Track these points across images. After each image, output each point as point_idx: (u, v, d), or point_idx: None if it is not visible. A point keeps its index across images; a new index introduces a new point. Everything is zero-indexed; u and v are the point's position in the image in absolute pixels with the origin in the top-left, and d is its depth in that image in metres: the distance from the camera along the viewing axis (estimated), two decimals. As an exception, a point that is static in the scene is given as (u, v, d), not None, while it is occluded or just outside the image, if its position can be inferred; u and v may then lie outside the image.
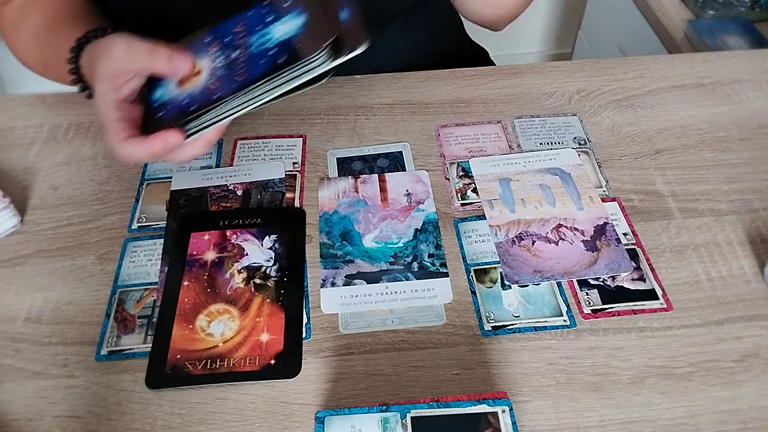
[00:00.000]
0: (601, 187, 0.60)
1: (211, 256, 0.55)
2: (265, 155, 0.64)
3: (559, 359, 0.48)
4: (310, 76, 0.47)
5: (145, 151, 0.48)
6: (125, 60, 0.49)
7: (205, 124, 0.48)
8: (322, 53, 0.45)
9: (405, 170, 0.62)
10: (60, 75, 0.59)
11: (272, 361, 0.48)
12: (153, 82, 0.52)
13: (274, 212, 0.58)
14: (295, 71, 0.46)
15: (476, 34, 0.89)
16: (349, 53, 0.46)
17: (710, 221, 0.57)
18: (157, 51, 0.49)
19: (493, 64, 0.88)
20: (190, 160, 0.50)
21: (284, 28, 0.49)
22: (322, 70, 0.46)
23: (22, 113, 0.69)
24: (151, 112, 0.51)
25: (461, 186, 0.61)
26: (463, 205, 0.59)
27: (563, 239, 0.55)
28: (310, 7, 0.49)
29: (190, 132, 0.48)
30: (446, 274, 0.53)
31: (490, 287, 0.53)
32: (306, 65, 0.46)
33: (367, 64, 0.74)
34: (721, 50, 0.99)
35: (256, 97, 0.47)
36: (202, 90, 0.49)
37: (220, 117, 0.48)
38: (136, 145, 0.48)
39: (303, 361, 0.48)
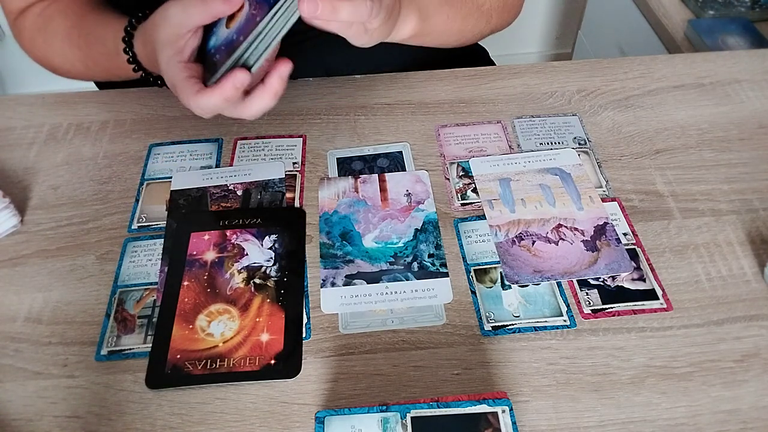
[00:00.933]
0: (601, 187, 0.60)
1: (211, 256, 0.55)
2: (265, 155, 0.64)
3: (559, 359, 0.48)
4: None
5: (218, 96, 0.48)
6: (181, 18, 0.50)
7: (260, 49, 0.48)
8: None
9: (405, 170, 0.62)
10: (106, 69, 0.60)
11: (272, 361, 0.48)
12: (206, 35, 0.52)
13: (274, 212, 0.58)
14: None
15: (476, 34, 0.88)
16: None
17: (710, 221, 0.57)
18: (209, 1, 0.49)
19: (493, 64, 0.88)
20: (259, 115, 0.51)
21: None
22: None
23: (22, 113, 0.69)
24: (210, 58, 0.52)
25: (461, 186, 0.61)
26: (463, 205, 0.59)
27: (563, 239, 0.55)
28: None
29: (251, 65, 0.49)
30: (446, 274, 0.53)
31: (490, 287, 0.53)
32: None
33: (367, 64, 0.74)
34: (721, 50, 0.99)
35: (282, 10, 0.47)
36: (249, 19, 0.49)
37: (271, 36, 0.48)
38: (209, 94, 0.48)
39: (303, 361, 0.48)
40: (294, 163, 0.63)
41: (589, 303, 0.51)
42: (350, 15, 0.47)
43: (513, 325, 0.50)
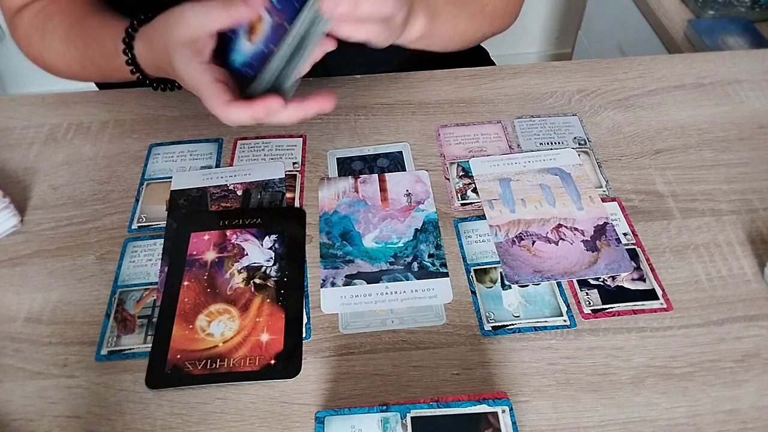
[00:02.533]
0: (601, 187, 0.60)
1: (211, 256, 0.55)
2: (265, 155, 0.64)
3: (559, 359, 0.48)
4: None
5: (249, 114, 0.48)
6: (203, 20, 0.49)
7: (295, 69, 0.49)
8: None
9: (405, 170, 0.62)
10: (102, 70, 0.60)
11: (272, 361, 0.48)
12: (220, 45, 0.52)
13: (274, 212, 0.58)
14: None
15: (476, 34, 0.88)
16: None
17: (710, 221, 0.57)
18: (230, 2, 0.49)
19: (493, 64, 0.88)
20: (292, 124, 0.52)
21: None
22: None
23: (22, 113, 0.69)
24: (238, 74, 0.52)
25: (461, 186, 0.61)
26: (463, 205, 0.59)
27: (563, 239, 0.55)
28: None
29: (286, 88, 0.49)
30: (446, 274, 0.53)
31: (490, 287, 0.53)
32: None
33: (365, 62, 0.74)
34: (721, 50, 0.99)
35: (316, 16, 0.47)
36: (273, 29, 0.49)
37: (305, 44, 0.48)
38: (241, 109, 0.48)
39: (303, 361, 0.48)
40: (294, 163, 0.63)
41: (589, 303, 0.51)
42: (373, 7, 0.46)
43: (513, 325, 0.50)
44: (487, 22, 0.68)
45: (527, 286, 0.52)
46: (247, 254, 0.55)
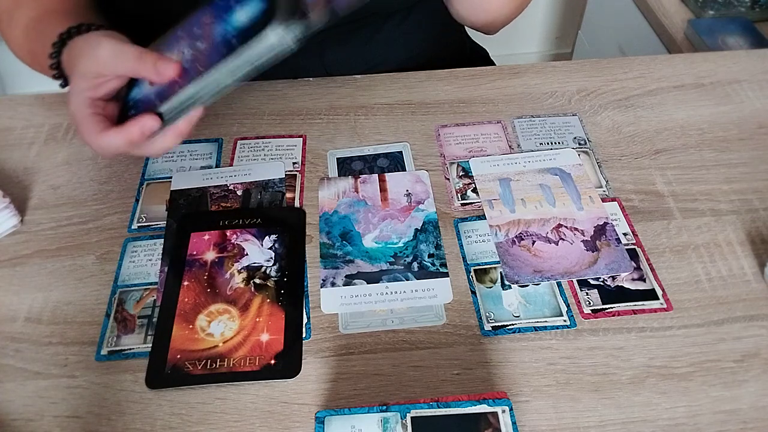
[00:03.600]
0: (601, 187, 0.60)
1: (211, 256, 0.55)
2: (265, 155, 0.64)
3: (559, 359, 0.48)
4: (267, 56, 0.46)
5: (122, 138, 0.48)
6: (111, 62, 0.49)
7: (176, 111, 0.49)
8: (275, 29, 0.45)
9: (405, 170, 0.62)
10: (45, 69, 0.59)
11: (272, 361, 0.48)
12: (131, 81, 0.52)
13: (274, 212, 0.58)
14: (248, 50, 0.46)
15: (476, 34, 0.88)
16: (301, 24, 0.45)
17: (710, 221, 0.57)
18: (144, 56, 0.48)
19: (493, 64, 0.88)
20: (162, 154, 0.51)
21: (246, 12, 0.48)
22: (277, 50, 0.46)
23: (22, 113, 0.69)
24: (126, 109, 0.52)
25: (461, 186, 0.61)
26: (463, 205, 0.59)
27: (563, 239, 0.55)
28: None
29: (166, 119, 0.49)
30: (446, 274, 0.53)
31: (490, 287, 0.53)
32: (257, 43, 0.45)
33: (364, 61, 0.74)
34: (721, 50, 0.99)
35: (217, 80, 0.47)
36: (171, 83, 0.49)
37: (189, 102, 0.48)
38: (113, 134, 0.48)
39: (303, 361, 0.48)
40: (294, 163, 0.63)
41: (589, 303, 0.51)
42: None
43: (513, 325, 0.50)
44: None
45: (527, 286, 0.52)
46: (247, 254, 0.55)
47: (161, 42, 0.53)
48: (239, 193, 0.60)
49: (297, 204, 0.59)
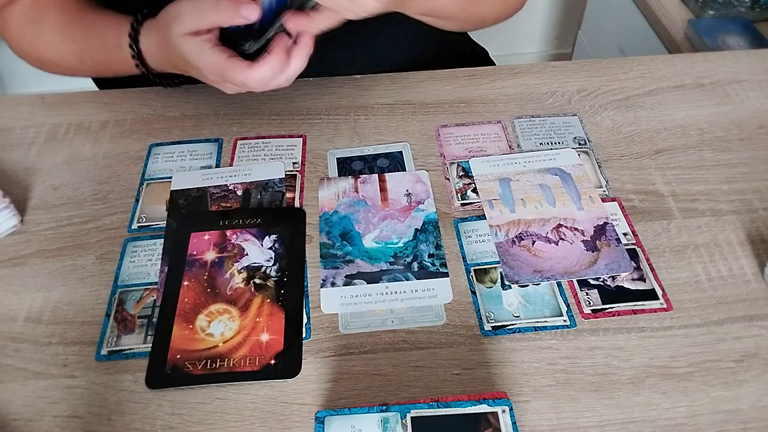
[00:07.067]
0: (601, 187, 0.60)
1: (211, 256, 0.55)
2: (265, 155, 0.64)
3: (559, 359, 0.48)
4: None
5: (273, 63, 0.50)
6: (195, 20, 0.51)
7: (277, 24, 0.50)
8: None
9: (405, 170, 0.62)
10: (102, 64, 0.61)
11: (272, 361, 0.48)
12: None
13: (274, 212, 0.58)
14: None
15: (476, 34, 0.88)
16: None
17: (710, 221, 0.57)
18: (221, 3, 0.50)
19: (493, 64, 0.88)
20: (295, 77, 0.53)
21: None
22: None
23: (22, 113, 0.69)
24: (229, 41, 0.53)
25: (461, 186, 0.61)
26: (463, 205, 0.59)
27: (563, 239, 0.55)
28: None
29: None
30: (446, 274, 0.53)
31: (490, 287, 0.53)
32: None
33: (365, 60, 0.74)
34: (721, 50, 0.99)
35: None
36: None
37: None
38: (262, 64, 0.50)
39: (303, 361, 0.48)
40: (294, 163, 0.63)
41: (589, 303, 0.51)
42: None
43: (513, 325, 0.50)
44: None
45: (527, 286, 0.52)
46: (247, 254, 0.55)
47: None
48: (239, 193, 0.60)
49: (297, 204, 0.59)
